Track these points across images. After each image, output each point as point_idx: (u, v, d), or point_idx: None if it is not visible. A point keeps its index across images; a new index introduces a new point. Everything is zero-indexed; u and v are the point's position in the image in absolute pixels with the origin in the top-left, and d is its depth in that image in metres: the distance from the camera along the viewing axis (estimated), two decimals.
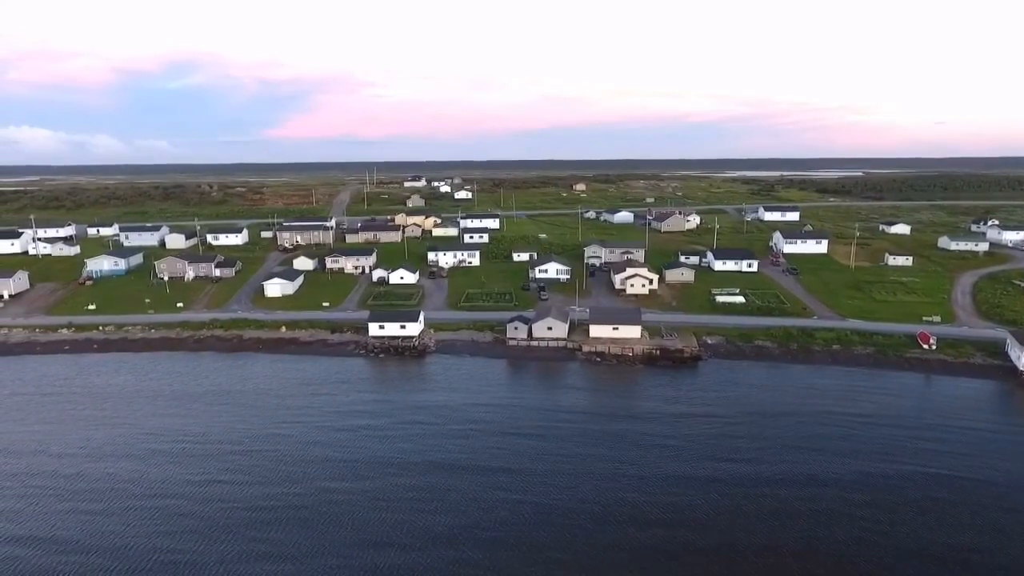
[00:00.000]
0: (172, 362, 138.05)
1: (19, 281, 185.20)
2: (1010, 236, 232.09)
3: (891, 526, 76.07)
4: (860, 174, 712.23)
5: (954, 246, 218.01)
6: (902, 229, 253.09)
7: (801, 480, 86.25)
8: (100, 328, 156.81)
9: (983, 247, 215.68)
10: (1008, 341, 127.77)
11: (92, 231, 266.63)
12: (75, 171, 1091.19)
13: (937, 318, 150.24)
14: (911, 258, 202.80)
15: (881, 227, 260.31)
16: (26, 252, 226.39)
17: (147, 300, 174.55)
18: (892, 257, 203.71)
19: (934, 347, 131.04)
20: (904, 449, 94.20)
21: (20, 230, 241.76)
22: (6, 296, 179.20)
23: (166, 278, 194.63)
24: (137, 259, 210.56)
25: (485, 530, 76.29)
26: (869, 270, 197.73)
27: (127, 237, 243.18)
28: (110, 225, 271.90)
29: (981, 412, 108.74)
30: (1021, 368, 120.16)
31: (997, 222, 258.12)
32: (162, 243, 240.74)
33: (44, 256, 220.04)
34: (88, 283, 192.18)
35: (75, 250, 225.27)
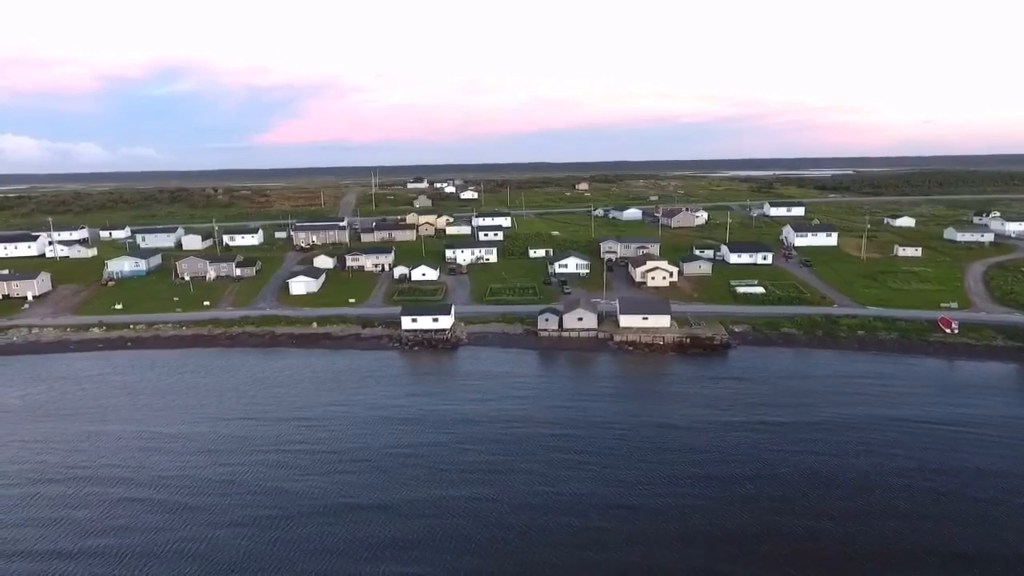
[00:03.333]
0: (210, 357, 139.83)
1: (42, 283, 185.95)
2: (1013, 227, 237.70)
3: (928, 462, 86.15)
4: (851, 172, 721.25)
5: (960, 237, 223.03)
6: (907, 222, 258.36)
7: (840, 427, 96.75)
8: (131, 327, 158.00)
9: (988, 238, 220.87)
10: None
11: (104, 234, 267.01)
12: (61, 179, 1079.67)
13: (954, 304, 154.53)
14: (920, 249, 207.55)
15: (886, 220, 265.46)
16: (43, 255, 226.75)
17: (175, 299, 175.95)
18: (902, 248, 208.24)
19: (956, 331, 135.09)
20: (936, 407, 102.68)
21: (34, 233, 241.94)
22: (30, 297, 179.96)
23: (187, 278, 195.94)
24: (156, 260, 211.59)
25: (549, 466, 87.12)
26: (880, 261, 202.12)
27: (143, 239, 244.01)
28: (122, 228, 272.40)
29: (1010, 388, 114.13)
30: None
31: (999, 214, 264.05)
32: (178, 244, 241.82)
33: (62, 258, 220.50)
34: (110, 284, 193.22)
35: (92, 252, 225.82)
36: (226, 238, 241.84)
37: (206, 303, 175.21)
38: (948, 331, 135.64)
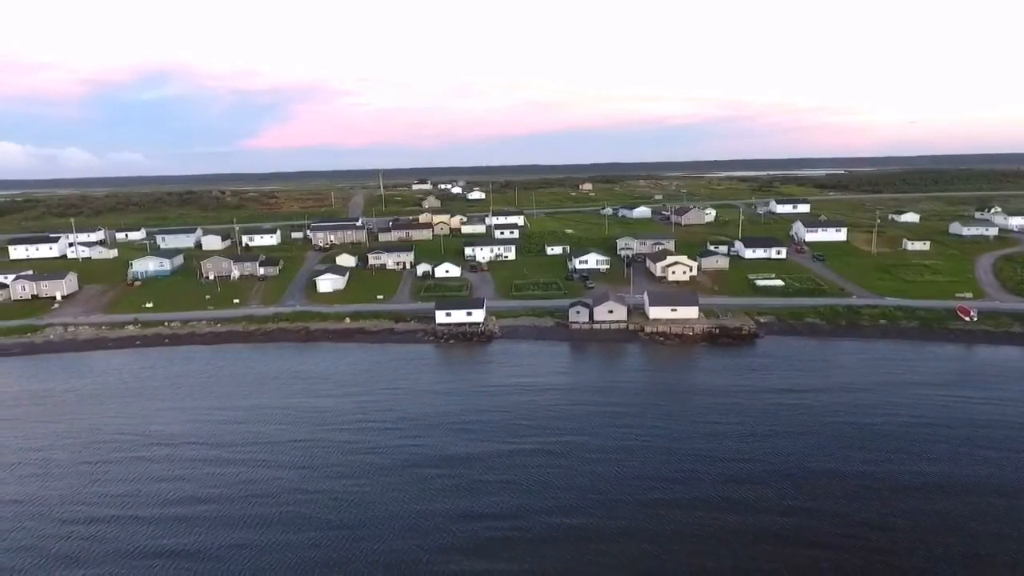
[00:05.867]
0: (250, 352, 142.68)
1: (70, 283, 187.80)
2: (1016, 221, 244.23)
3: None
4: (843, 172, 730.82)
5: (966, 232, 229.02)
6: (911, 218, 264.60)
7: (875, 395, 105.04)
8: (166, 324, 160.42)
9: (993, 232, 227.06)
10: None
11: (120, 235, 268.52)
12: (50, 184, 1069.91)
13: (969, 295, 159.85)
14: (928, 243, 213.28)
15: (891, 216, 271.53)
16: (64, 256, 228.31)
17: (207, 297, 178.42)
18: (910, 243, 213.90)
19: (975, 319, 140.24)
20: (964, 382, 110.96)
21: (54, 235, 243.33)
22: (59, 297, 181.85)
23: (212, 277, 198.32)
24: (179, 260, 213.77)
25: (606, 428, 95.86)
26: (890, 255, 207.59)
27: (163, 240, 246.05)
28: (137, 230, 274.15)
29: None
30: None
31: (999, 209, 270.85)
32: (198, 244, 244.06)
33: (84, 259, 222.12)
34: (136, 284, 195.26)
35: (113, 253, 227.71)
36: (244, 238, 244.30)
37: (235, 301, 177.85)
38: (967, 319, 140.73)
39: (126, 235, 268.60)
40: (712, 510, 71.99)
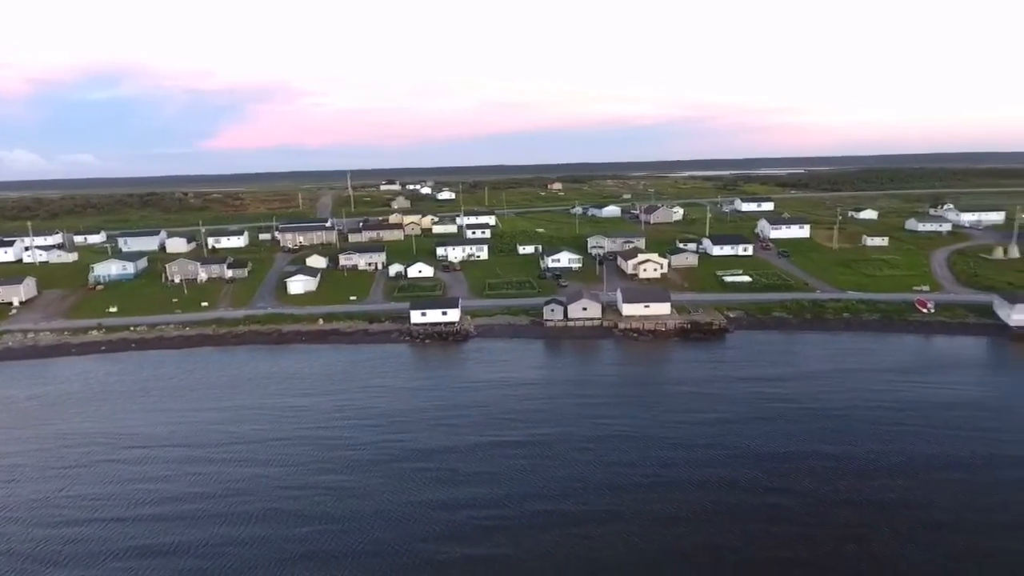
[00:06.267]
0: (222, 355, 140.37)
1: (28, 288, 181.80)
2: (967, 218, 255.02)
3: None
4: (803, 171, 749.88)
5: (921, 228, 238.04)
6: (870, 215, 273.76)
7: (839, 381, 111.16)
8: (132, 329, 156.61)
9: (947, 228, 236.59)
10: (996, 303, 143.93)
11: (79, 239, 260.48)
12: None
13: (926, 288, 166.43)
14: (887, 239, 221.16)
15: (850, 214, 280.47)
16: (20, 260, 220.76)
17: (174, 300, 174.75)
18: (869, 239, 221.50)
19: (932, 311, 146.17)
20: (921, 369, 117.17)
21: (8, 239, 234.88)
22: (16, 303, 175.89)
23: (178, 280, 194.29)
24: (142, 263, 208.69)
25: (585, 418, 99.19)
26: (851, 251, 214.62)
27: (126, 242, 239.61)
28: (96, 232, 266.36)
29: (982, 356, 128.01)
30: (1010, 324, 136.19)
31: (952, 206, 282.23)
32: (162, 247, 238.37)
33: (41, 264, 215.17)
34: (98, 288, 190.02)
35: (73, 257, 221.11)
36: (211, 240, 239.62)
37: (204, 304, 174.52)
38: (925, 311, 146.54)
39: (85, 238, 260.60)
40: (689, 493, 74.40)
